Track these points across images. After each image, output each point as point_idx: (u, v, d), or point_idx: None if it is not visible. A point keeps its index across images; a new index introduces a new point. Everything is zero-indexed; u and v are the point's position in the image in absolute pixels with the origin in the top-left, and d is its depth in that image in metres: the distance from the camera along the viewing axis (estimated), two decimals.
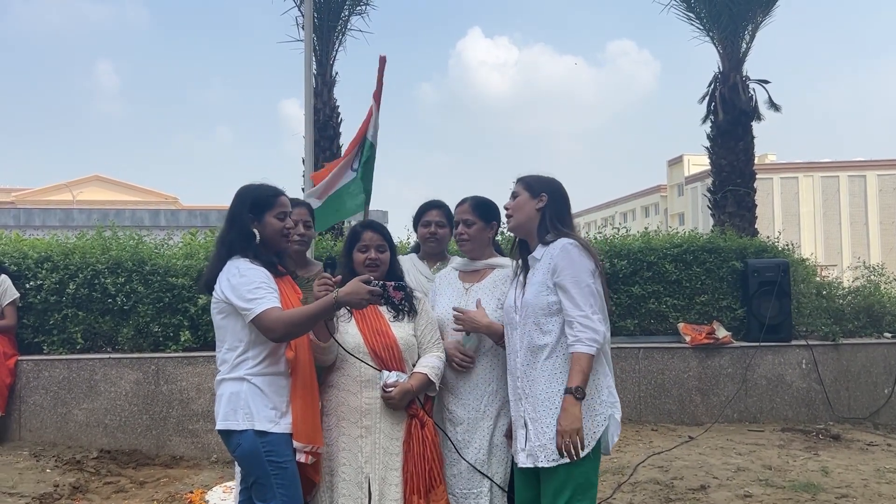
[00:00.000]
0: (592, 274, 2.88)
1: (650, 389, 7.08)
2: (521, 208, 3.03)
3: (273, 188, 3.03)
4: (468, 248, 3.41)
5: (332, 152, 9.79)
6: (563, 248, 2.88)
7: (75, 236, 7.04)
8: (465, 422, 3.20)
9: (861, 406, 7.29)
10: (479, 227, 3.39)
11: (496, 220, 3.46)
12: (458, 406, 3.22)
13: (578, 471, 2.79)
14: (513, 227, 3.09)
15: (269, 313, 2.73)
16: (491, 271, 3.40)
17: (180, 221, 21.56)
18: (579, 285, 2.83)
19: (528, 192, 3.03)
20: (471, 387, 3.23)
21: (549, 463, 2.79)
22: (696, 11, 10.35)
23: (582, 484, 2.80)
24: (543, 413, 2.83)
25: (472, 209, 3.40)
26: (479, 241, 3.41)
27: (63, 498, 4.92)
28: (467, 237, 3.38)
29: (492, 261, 3.45)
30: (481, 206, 3.42)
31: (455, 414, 3.22)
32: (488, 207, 3.43)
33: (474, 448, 3.18)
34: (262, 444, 2.78)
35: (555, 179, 3.09)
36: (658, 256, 7.42)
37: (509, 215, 3.08)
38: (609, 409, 2.89)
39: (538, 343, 2.89)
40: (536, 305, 2.89)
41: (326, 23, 9.83)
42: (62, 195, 41.74)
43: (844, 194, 46.68)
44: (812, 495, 4.80)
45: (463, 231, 3.39)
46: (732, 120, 9.91)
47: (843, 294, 8.15)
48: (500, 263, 3.44)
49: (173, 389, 6.28)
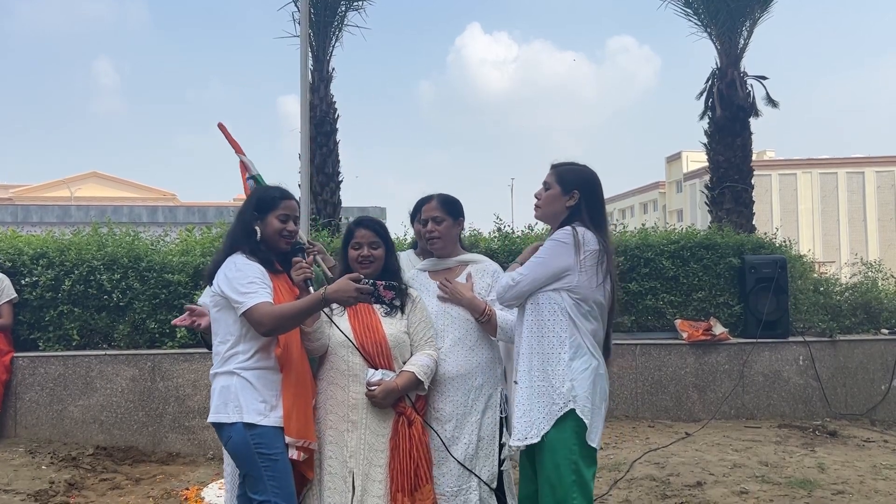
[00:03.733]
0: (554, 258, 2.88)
1: (647, 386, 7.08)
2: (550, 203, 3.00)
3: (281, 190, 3.12)
4: (439, 246, 3.39)
5: (329, 148, 9.77)
6: (556, 233, 2.92)
7: (71, 233, 7.03)
8: (454, 418, 3.19)
9: (858, 402, 7.30)
10: (449, 224, 3.38)
11: (462, 215, 3.46)
12: (445, 403, 3.21)
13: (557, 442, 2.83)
14: (538, 216, 3.11)
15: (259, 307, 2.77)
16: (465, 267, 3.40)
17: (178, 218, 21.53)
18: (538, 258, 2.93)
19: (560, 186, 2.98)
20: (458, 383, 3.22)
21: (516, 443, 2.92)
22: (693, 7, 10.32)
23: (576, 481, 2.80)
24: (518, 394, 2.95)
25: (441, 206, 3.39)
26: (450, 237, 3.40)
27: (59, 495, 4.91)
28: (438, 235, 3.36)
29: (464, 257, 3.45)
30: (448, 203, 3.41)
31: (443, 411, 3.21)
32: (455, 204, 3.43)
33: (463, 443, 3.18)
34: (251, 436, 2.80)
35: (589, 172, 3.03)
36: (655, 253, 7.43)
37: (537, 205, 3.05)
38: (571, 403, 2.83)
39: (519, 324, 3.00)
40: (539, 291, 2.94)
41: (323, 18, 9.79)
42: (60, 192, 41.69)
43: (843, 191, 46.71)
44: (808, 492, 4.80)
45: (433, 228, 3.36)
46: (730, 116, 9.89)
47: (840, 290, 8.15)
48: (473, 259, 3.45)
49: (169, 386, 6.27)
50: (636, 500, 4.72)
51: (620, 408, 6.97)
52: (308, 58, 6.09)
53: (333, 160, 9.80)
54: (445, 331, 3.27)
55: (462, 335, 3.26)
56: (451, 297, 3.26)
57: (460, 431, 3.18)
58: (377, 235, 3.22)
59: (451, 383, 3.22)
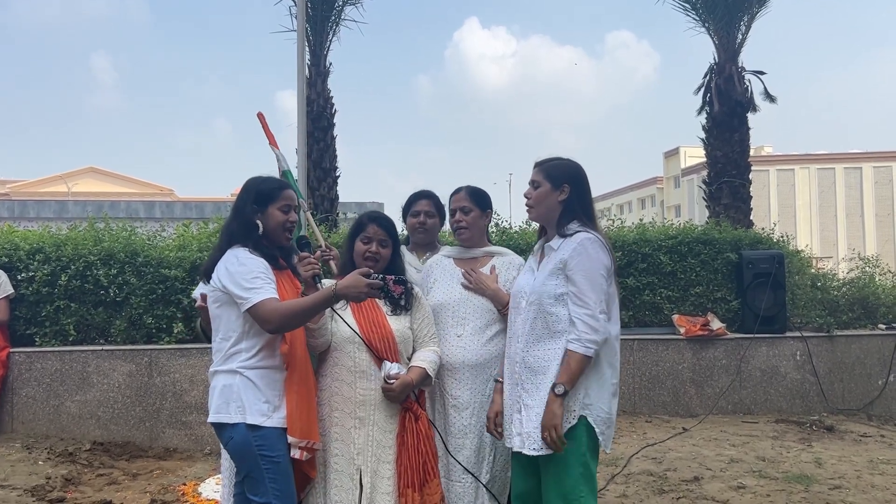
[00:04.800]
0: (607, 272, 2.85)
1: (644, 381, 7.08)
2: (543, 201, 2.97)
3: (279, 181, 3.04)
4: (466, 236, 3.42)
5: (327, 143, 9.77)
6: (581, 242, 2.83)
7: (69, 228, 7.01)
8: (472, 406, 3.22)
9: (855, 397, 7.31)
10: (477, 215, 3.42)
11: (491, 207, 3.50)
12: (463, 390, 3.23)
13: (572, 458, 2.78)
14: (533, 217, 3.09)
15: (266, 304, 2.69)
16: (490, 259, 3.43)
17: (175, 213, 21.54)
18: (590, 281, 2.79)
19: (549, 182, 2.96)
20: (477, 371, 3.24)
21: (531, 451, 2.80)
22: (691, 2, 10.31)
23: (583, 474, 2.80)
24: (536, 401, 2.83)
25: (469, 197, 3.43)
26: (477, 228, 3.43)
27: (55, 490, 4.90)
28: (465, 225, 3.40)
29: (490, 249, 3.49)
30: (477, 195, 3.46)
31: (460, 399, 3.23)
32: (484, 196, 3.49)
33: (479, 431, 3.21)
34: (253, 437, 2.74)
35: (575, 165, 3.02)
36: (653, 248, 7.42)
37: (530, 206, 3.03)
38: (583, 410, 2.82)
39: (540, 331, 2.87)
40: (544, 294, 2.86)
41: (320, 13, 9.78)
42: (57, 187, 41.64)
43: (840, 186, 46.73)
44: (805, 487, 4.80)
45: (461, 218, 3.40)
46: (728, 111, 9.89)
47: (837, 286, 8.16)
48: (499, 251, 3.48)
49: (166, 381, 6.26)
50: (633, 496, 4.72)
51: (618, 403, 6.95)
52: (305, 52, 6.09)
53: (331, 155, 9.80)
54: (467, 318, 3.29)
55: (483, 325, 3.28)
56: (476, 288, 3.29)
57: (478, 419, 3.21)
58: (388, 235, 3.19)
59: (470, 371, 3.24)
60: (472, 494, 3.17)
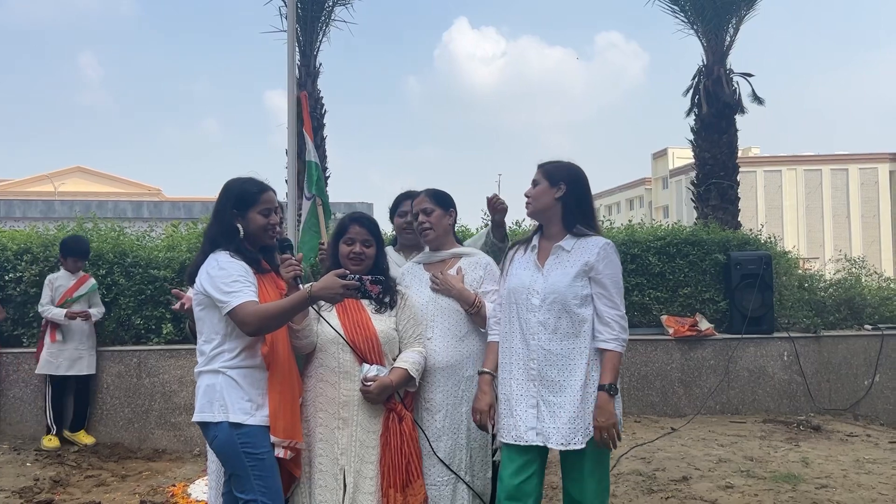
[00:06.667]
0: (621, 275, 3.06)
1: (633, 381, 7.11)
2: (540, 197, 3.08)
3: (258, 183, 3.00)
4: (431, 237, 3.41)
5: (316, 144, 9.71)
6: (604, 249, 2.97)
7: (56, 228, 6.97)
8: (444, 408, 3.21)
9: (841, 397, 7.37)
10: (439, 214, 3.40)
11: (453, 207, 3.48)
12: (435, 392, 3.22)
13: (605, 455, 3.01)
14: (531, 213, 3.16)
15: (245, 307, 2.72)
16: (457, 260, 3.42)
17: (163, 213, 21.40)
18: (618, 286, 2.99)
19: (547, 180, 3.08)
20: (447, 373, 3.23)
21: (559, 446, 2.89)
22: (680, 4, 10.37)
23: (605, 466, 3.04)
24: (563, 399, 2.92)
25: (430, 198, 3.43)
26: (441, 227, 3.41)
27: (43, 492, 4.88)
28: (429, 225, 3.39)
29: (457, 250, 3.47)
30: (438, 195, 3.45)
31: (433, 401, 3.21)
32: (445, 196, 3.47)
33: (453, 433, 3.20)
34: (237, 435, 2.77)
35: (574, 166, 3.13)
36: (641, 249, 7.46)
37: (528, 202, 3.13)
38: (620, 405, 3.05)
39: (566, 330, 2.95)
40: (570, 294, 2.94)
41: (310, 13, 9.77)
42: (43, 186, 41.32)
43: (827, 188, 47.01)
44: (793, 486, 4.84)
45: (423, 220, 3.40)
46: (716, 113, 9.95)
47: (824, 287, 8.22)
48: (466, 252, 3.47)
49: (155, 382, 6.24)
50: (622, 495, 4.74)
51: None
52: (295, 53, 6.06)
53: (321, 155, 9.78)
54: (434, 320, 3.28)
55: (451, 325, 3.27)
56: (442, 289, 3.29)
57: (451, 421, 3.20)
58: (371, 234, 3.20)
59: (441, 373, 3.23)
60: (449, 499, 3.16)
